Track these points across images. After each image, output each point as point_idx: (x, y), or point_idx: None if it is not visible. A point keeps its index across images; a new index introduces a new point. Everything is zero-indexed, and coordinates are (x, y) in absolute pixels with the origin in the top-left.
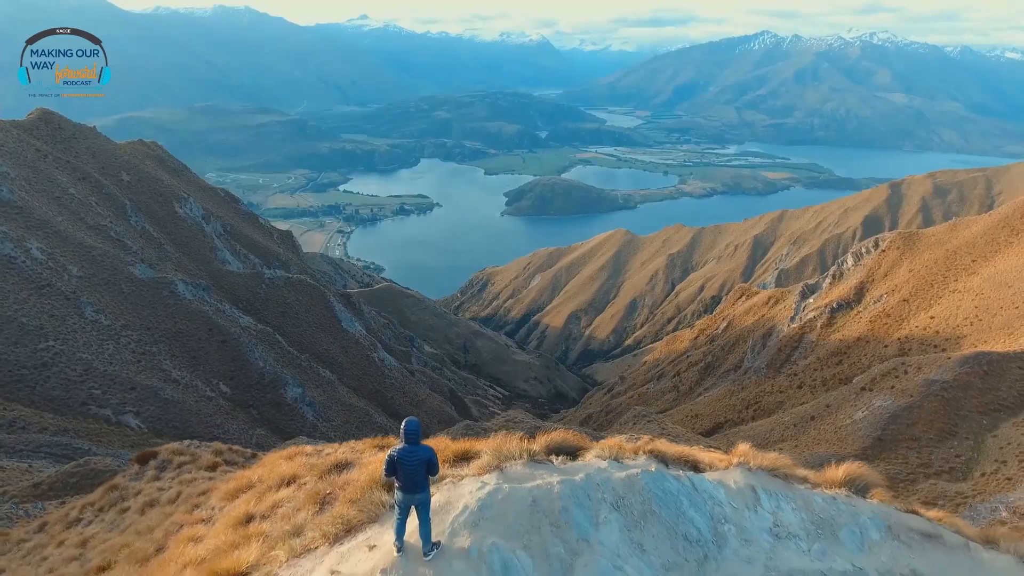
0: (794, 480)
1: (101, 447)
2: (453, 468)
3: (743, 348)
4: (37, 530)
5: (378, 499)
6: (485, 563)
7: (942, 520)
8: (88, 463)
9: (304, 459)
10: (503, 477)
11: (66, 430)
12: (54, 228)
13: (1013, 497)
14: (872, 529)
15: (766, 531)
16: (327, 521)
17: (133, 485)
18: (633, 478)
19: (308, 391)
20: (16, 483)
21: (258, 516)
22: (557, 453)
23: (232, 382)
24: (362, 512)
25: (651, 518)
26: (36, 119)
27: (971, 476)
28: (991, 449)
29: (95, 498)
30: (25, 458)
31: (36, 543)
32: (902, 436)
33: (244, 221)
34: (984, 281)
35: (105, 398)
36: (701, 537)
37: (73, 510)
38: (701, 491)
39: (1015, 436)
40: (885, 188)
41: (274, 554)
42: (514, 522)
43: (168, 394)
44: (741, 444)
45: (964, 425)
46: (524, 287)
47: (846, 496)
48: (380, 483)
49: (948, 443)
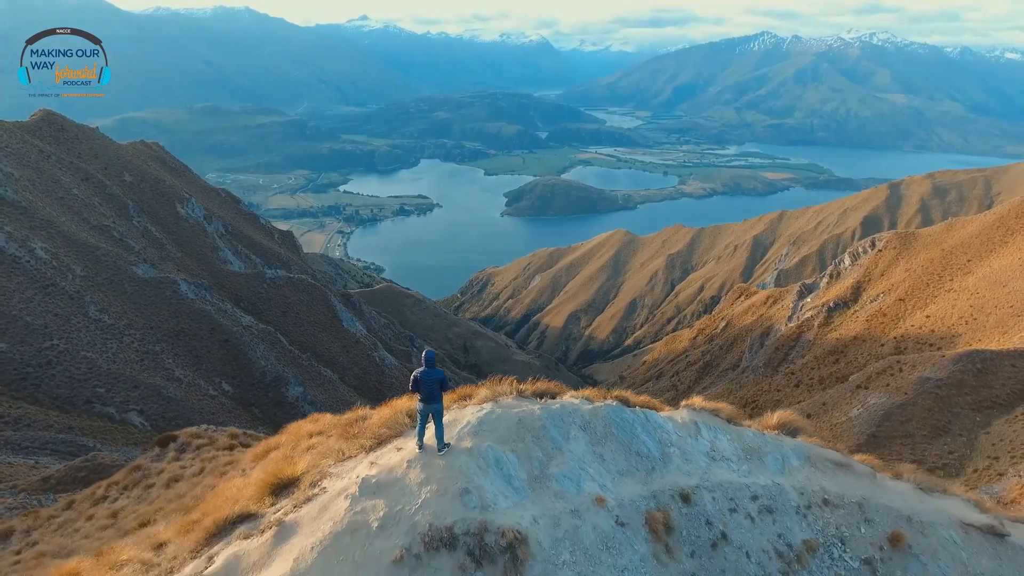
0: (735, 423)
1: (105, 444)
2: (458, 404)
3: (741, 347)
4: (65, 507)
5: (402, 420)
6: (483, 457)
7: (868, 462)
8: (95, 458)
9: (326, 420)
10: (497, 405)
11: (71, 427)
12: (58, 228)
13: (998, 488)
14: (793, 458)
15: (704, 454)
16: (365, 435)
17: (155, 465)
18: (598, 409)
19: (309, 390)
20: (24, 478)
21: (298, 454)
22: (540, 396)
23: (234, 381)
24: (390, 429)
25: (610, 438)
26: (39, 120)
27: (964, 472)
28: (984, 446)
29: (119, 478)
30: (31, 455)
31: (65, 519)
32: (896, 433)
33: (245, 221)
34: (979, 280)
35: (109, 396)
36: (650, 454)
37: (99, 489)
38: (652, 422)
39: (1008, 433)
40: (884, 188)
41: (323, 462)
42: (504, 433)
43: (171, 392)
44: (695, 397)
45: (957, 422)
46: (524, 287)
47: (776, 435)
48: (403, 411)
49: (942, 440)
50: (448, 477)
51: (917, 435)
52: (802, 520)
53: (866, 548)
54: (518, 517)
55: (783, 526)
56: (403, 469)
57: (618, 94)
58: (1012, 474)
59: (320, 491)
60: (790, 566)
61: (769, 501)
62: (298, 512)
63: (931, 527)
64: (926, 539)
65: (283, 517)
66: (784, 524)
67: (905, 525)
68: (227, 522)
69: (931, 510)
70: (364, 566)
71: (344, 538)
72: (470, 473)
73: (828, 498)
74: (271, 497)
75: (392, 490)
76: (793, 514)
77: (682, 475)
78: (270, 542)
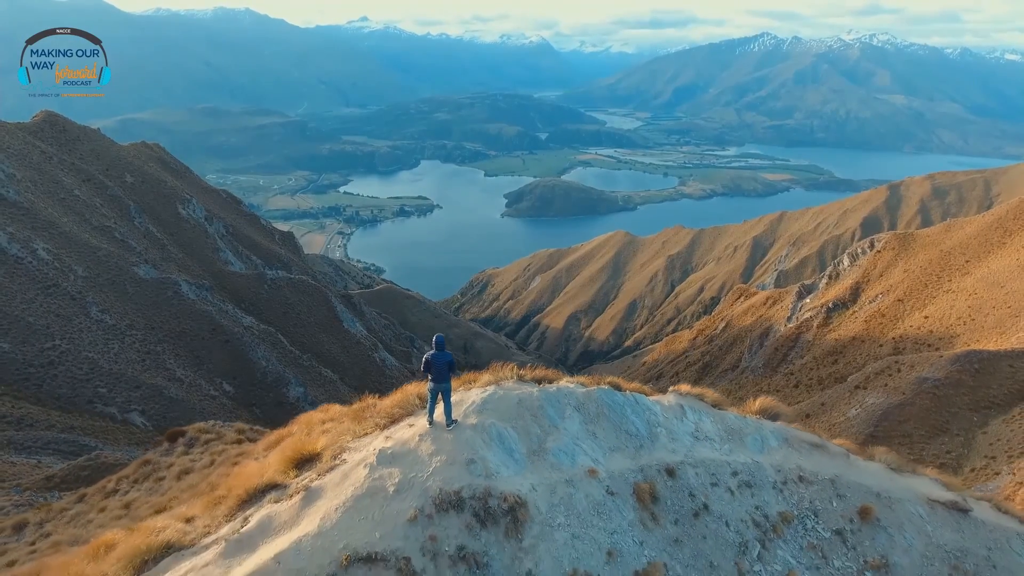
0: (719, 407)
1: (107, 444)
2: (464, 386)
3: (741, 348)
4: (76, 500)
5: (412, 401)
6: (486, 432)
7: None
8: (99, 457)
9: (336, 409)
10: (499, 388)
11: (73, 427)
12: (60, 229)
13: (992, 486)
14: (772, 439)
15: (688, 434)
16: (379, 414)
17: (165, 459)
18: (591, 392)
19: (310, 390)
20: (28, 477)
21: (314, 436)
22: (539, 382)
23: (235, 381)
24: (402, 409)
25: (602, 418)
26: (41, 121)
27: (962, 471)
28: (981, 445)
29: (128, 472)
30: (34, 454)
31: (77, 511)
32: (894, 432)
33: (246, 222)
34: (977, 281)
35: (111, 396)
36: (639, 433)
37: (109, 483)
38: (641, 404)
39: (1005, 432)
40: (884, 189)
41: (342, 438)
42: (505, 412)
43: (172, 393)
44: (682, 384)
45: (955, 422)
46: (524, 288)
47: (757, 419)
48: (413, 395)
49: (939, 439)
50: (456, 449)
51: (915, 435)
52: (778, 494)
53: (837, 520)
54: (518, 484)
55: (760, 499)
56: (415, 442)
57: (618, 95)
58: (1007, 472)
59: (341, 462)
60: (766, 535)
61: (748, 477)
62: (322, 480)
63: (898, 502)
64: (893, 513)
65: (309, 484)
66: (761, 497)
67: (874, 500)
68: (257, 491)
69: (899, 487)
70: (382, 524)
71: (364, 500)
72: (475, 446)
73: (803, 475)
74: (294, 470)
75: (406, 460)
76: (770, 489)
77: (668, 452)
78: (298, 504)
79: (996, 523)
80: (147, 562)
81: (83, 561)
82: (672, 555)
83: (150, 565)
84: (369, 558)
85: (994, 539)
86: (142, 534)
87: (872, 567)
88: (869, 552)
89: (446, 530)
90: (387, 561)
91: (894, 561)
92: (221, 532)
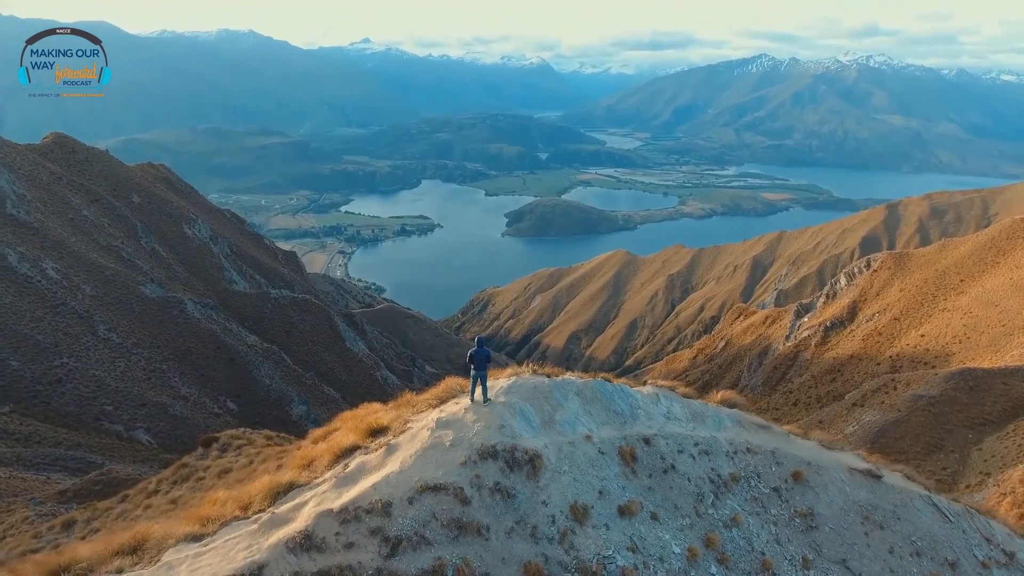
0: (688, 397)
1: (113, 461)
2: (492, 377)
3: (740, 367)
4: (120, 501)
5: (456, 386)
6: (512, 407)
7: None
8: (110, 472)
9: (375, 405)
10: (519, 378)
11: (80, 444)
12: (68, 248)
13: (978, 496)
14: (727, 421)
15: (662, 415)
16: (432, 395)
17: (201, 463)
18: (588, 382)
19: (313, 408)
20: (40, 491)
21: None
22: (548, 375)
23: (239, 399)
24: (448, 393)
25: (596, 401)
26: (51, 143)
27: (957, 488)
28: (976, 462)
29: (167, 474)
30: (42, 471)
31: (122, 510)
32: (891, 449)
33: (249, 242)
34: (972, 300)
35: (117, 414)
36: (624, 412)
37: (150, 484)
38: (626, 392)
39: (999, 449)
40: (883, 209)
41: (403, 413)
42: (525, 394)
43: (177, 410)
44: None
45: (950, 439)
46: (525, 307)
47: (716, 406)
48: (455, 385)
49: (935, 456)
50: (491, 418)
51: (911, 452)
52: (730, 460)
53: (775, 480)
54: (535, 443)
55: (716, 463)
56: (462, 413)
57: (618, 115)
58: (992, 483)
59: (407, 428)
60: (719, 488)
61: (707, 447)
62: (397, 439)
63: (825, 469)
64: (820, 477)
65: (388, 442)
66: (716, 462)
67: (805, 467)
68: (345, 450)
69: (826, 458)
70: (443, 466)
71: (429, 451)
72: (505, 416)
73: (750, 447)
74: (370, 438)
75: (456, 425)
76: (723, 456)
77: (645, 427)
78: (383, 454)
79: (903, 487)
80: (279, 494)
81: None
82: (646, 498)
83: (281, 495)
84: (435, 487)
85: (900, 499)
86: (268, 478)
87: (800, 515)
88: (799, 504)
89: (486, 471)
90: (447, 490)
91: (819, 512)
92: (327, 476)
